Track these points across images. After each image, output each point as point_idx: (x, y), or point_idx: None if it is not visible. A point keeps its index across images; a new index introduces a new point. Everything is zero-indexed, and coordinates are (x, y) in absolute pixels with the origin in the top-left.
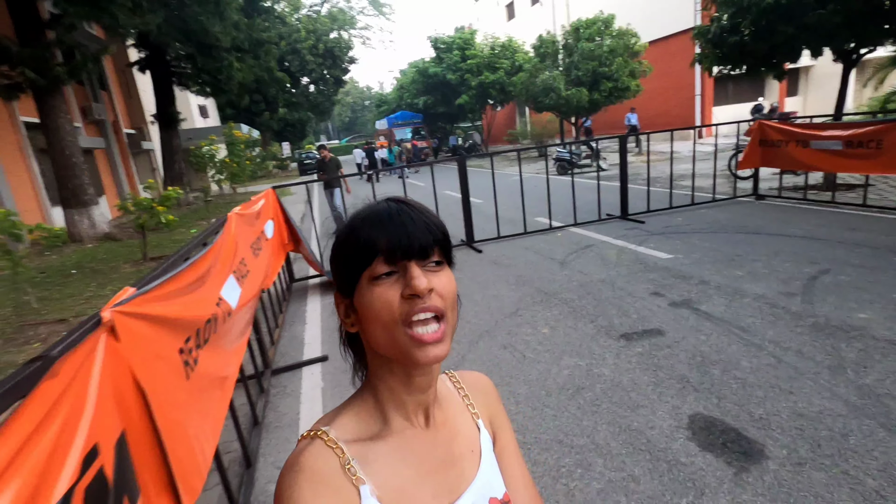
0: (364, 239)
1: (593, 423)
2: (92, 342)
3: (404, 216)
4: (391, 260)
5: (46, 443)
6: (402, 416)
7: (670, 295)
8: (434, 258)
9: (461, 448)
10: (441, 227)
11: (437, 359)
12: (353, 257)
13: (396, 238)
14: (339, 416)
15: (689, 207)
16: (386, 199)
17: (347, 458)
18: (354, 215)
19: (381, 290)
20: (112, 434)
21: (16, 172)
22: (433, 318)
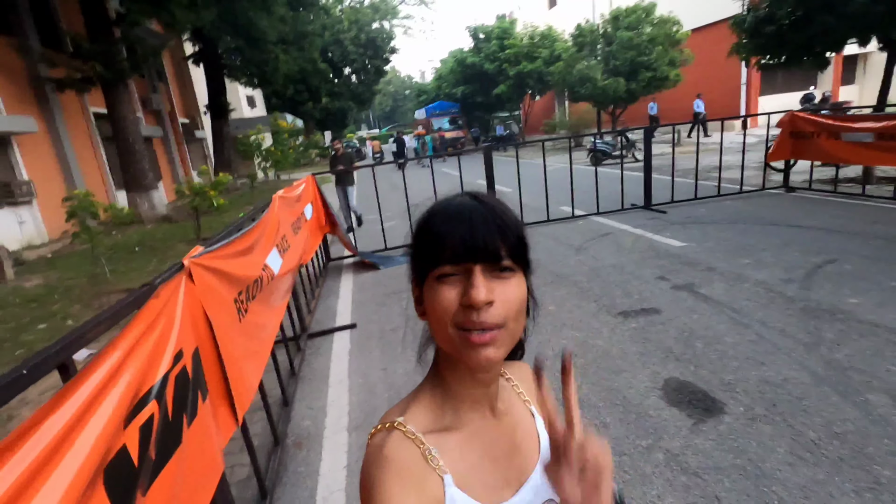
0: (434, 234)
1: (579, 383)
2: (177, 280)
3: (476, 214)
4: (455, 261)
5: (153, 339)
6: (470, 408)
7: (674, 279)
8: (504, 263)
9: (523, 435)
10: (517, 228)
11: (487, 361)
12: (422, 251)
13: (463, 238)
14: (410, 408)
15: (715, 199)
16: (464, 193)
17: (428, 448)
18: (432, 207)
19: (443, 290)
20: (190, 346)
21: (86, 158)
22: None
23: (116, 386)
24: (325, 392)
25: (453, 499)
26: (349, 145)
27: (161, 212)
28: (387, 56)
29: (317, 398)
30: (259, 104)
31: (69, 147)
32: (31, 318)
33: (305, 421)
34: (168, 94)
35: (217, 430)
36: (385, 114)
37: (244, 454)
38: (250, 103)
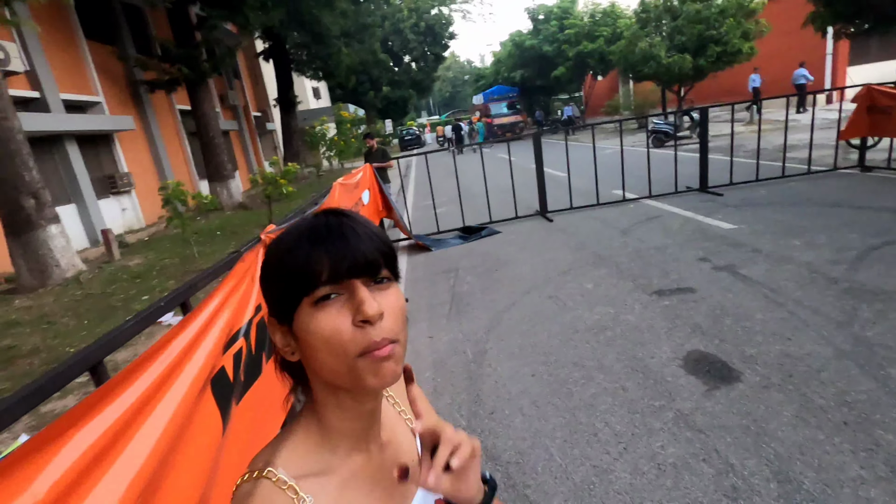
0: (303, 259)
1: (605, 352)
2: (256, 250)
3: (346, 229)
4: (335, 279)
5: (240, 292)
6: (351, 445)
7: (716, 260)
8: (382, 274)
9: (406, 459)
10: (385, 239)
11: (392, 377)
12: (290, 280)
13: (341, 255)
14: (281, 452)
15: (779, 180)
16: (323, 212)
17: (301, 496)
18: (287, 232)
19: (327, 317)
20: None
21: (174, 152)
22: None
23: (218, 322)
24: None
25: None
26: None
27: (238, 199)
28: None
29: None
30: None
31: (160, 142)
32: (136, 290)
33: None
34: (242, 91)
35: None
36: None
37: None
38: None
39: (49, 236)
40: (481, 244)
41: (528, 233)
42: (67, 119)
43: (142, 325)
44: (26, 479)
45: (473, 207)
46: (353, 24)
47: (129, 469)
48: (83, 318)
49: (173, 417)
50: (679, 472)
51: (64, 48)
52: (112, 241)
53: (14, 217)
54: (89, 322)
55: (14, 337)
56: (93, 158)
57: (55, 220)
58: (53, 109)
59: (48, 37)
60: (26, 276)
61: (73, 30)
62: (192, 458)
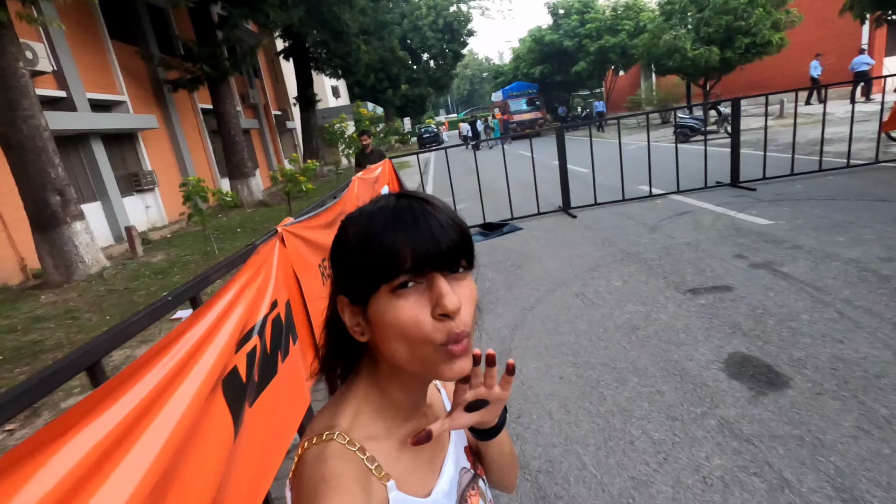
0: (386, 246)
1: (638, 353)
2: (272, 243)
3: (430, 217)
4: (417, 270)
5: (255, 287)
6: (407, 414)
7: (753, 257)
8: (460, 264)
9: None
10: (464, 226)
11: (462, 373)
12: (372, 266)
13: (423, 245)
14: (343, 417)
15: (815, 174)
16: (403, 195)
17: (371, 456)
18: (368, 214)
19: (406, 306)
20: (283, 297)
21: (196, 150)
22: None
23: (230, 319)
24: None
25: (396, 502)
26: (427, 130)
27: (258, 197)
28: (464, 39)
29: None
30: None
31: (182, 140)
32: (158, 287)
33: None
34: (263, 90)
35: (305, 371)
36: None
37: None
38: (335, 93)
39: (74, 233)
40: (503, 240)
41: (551, 229)
42: (93, 118)
43: (146, 322)
44: (17, 485)
45: (494, 203)
46: (373, 22)
47: (132, 477)
48: (106, 314)
49: (181, 421)
50: (728, 487)
51: (90, 49)
52: (136, 238)
53: (40, 214)
54: (112, 317)
55: (40, 332)
56: (117, 157)
57: (80, 217)
58: (80, 108)
59: (75, 37)
60: (52, 271)
61: (98, 31)
62: (201, 464)
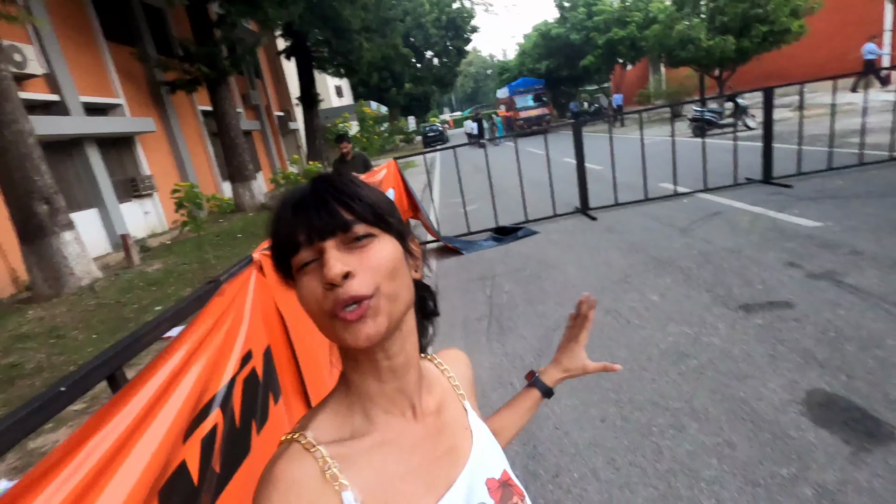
0: (282, 225)
1: (693, 389)
2: (247, 274)
3: (308, 196)
4: (308, 244)
5: (216, 342)
6: (383, 409)
7: (809, 266)
8: (357, 233)
9: (453, 435)
10: (361, 196)
11: (368, 339)
12: (277, 247)
13: (309, 220)
14: (316, 416)
15: (856, 168)
16: (312, 179)
17: (327, 461)
18: (277, 201)
19: (306, 281)
20: (261, 344)
21: (196, 153)
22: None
23: (174, 397)
24: None
25: None
26: (432, 129)
27: (261, 200)
28: (468, 36)
29: None
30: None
31: (182, 143)
32: (150, 300)
33: None
34: (264, 90)
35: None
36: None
37: None
38: (338, 93)
39: (63, 243)
40: (519, 246)
41: (570, 232)
42: (88, 122)
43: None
44: None
45: (505, 205)
46: (375, 19)
47: None
48: (93, 331)
49: None
50: None
51: (84, 50)
52: (131, 246)
53: (27, 224)
54: (98, 335)
55: (21, 353)
56: (114, 161)
57: (69, 227)
58: (73, 112)
59: (67, 39)
60: (41, 284)
61: (92, 31)
62: None
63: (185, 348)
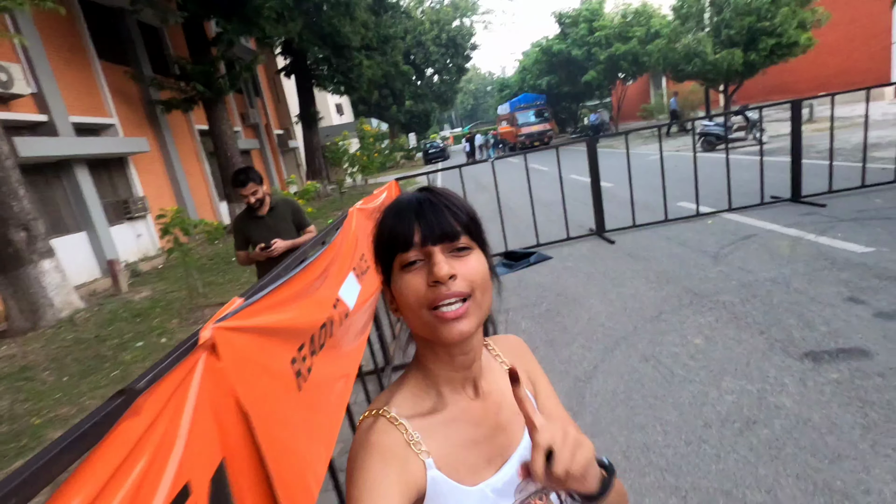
0: (391, 229)
1: (774, 473)
2: (188, 364)
3: (427, 204)
4: (416, 247)
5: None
6: (452, 390)
7: (875, 301)
8: (460, 244)
9: (508, 413)
10: (467, 211)
11: (461, 335)
12: (383, 247)
13: (418, 226)
14: (395, 395)
15: (892, 185)
16: (417, 190)
17: (410, 433)
18: (386, 208)
19: (409, 277)
20: (208, 467)
21: (193, 173)
22: (458, 300)
23: None
24: None
25: (435, 480)
26: (433, 146)
27: None
28: (468, 53)
29: None
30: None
31: (178, 163)
32: (133, 333)
33: None
34: (264, 109)
35: None
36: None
37: None
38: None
39: (41, 272)
40: (532, 273)
41: (587, 259)
42: (76, 143)
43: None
44: None
45: (514, 227)
46: (375, 36)
47: None
48: (64, 373)
49: None
50: None
51: (76, 69)
52: (119, 272)
53: (2, 252)
54: (70, 378)
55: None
56: (106, 183)
57: (48, 254)
58: (62, 133)
59: (58, 57)
60: (17, 316)
61: (85, 50)
62: None
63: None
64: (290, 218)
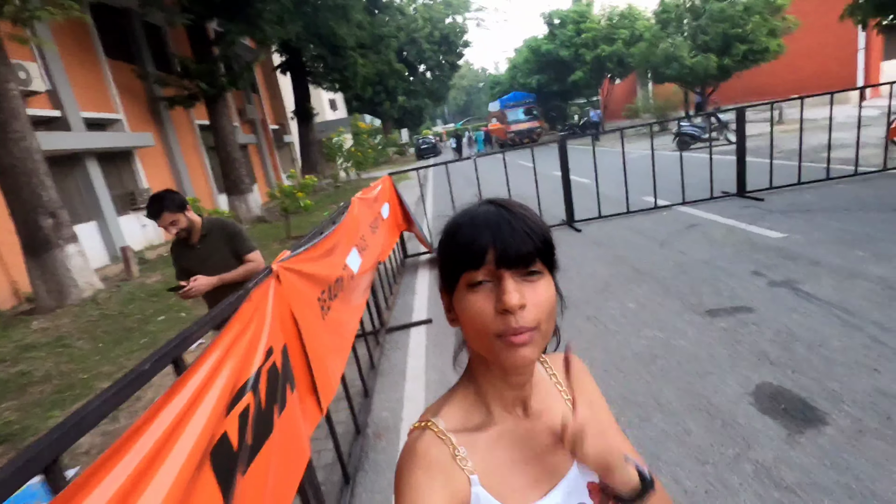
0: (463, 244)
1: (660, 387)
2: (266, 284)
3: (502, 221)
4: (487, 268)
5: (247, 338)
6: (502, 408)
7: (772, 275)
8: (533, 268)
9: (558, 434)
10: (543, 232)
11: (524, 361)
12: (452, 260)
13: (493, 246)
14: (444, 408)
15: (824, 182)
16: (487, 201)
17: (457, 447)
18: (456, 216)
19: (476, 299)
20: (279, 343)
21: (193, 166)
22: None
23: (219, 379)
24: (402, 386)
25: (478, 498)
26: (425, 141)
27: (256, 213)
28: (460, 50)
29: (395, 391)
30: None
31: (179, 157)
32: (153, 310)
33: (384, 412)
34: (260, 104)
35: (304, 420)
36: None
37: (329, 440)
38: (332, 106)
39: (67, 256)
40: None
41: (557, 245)
42: (88, 137)
43: (120, 398)
44: None
45: None
46: (369, 36)
47: None
48: (98, 341)
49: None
50: None
51: (85, 67)
52: (131, 258)
53: (32, 237)
54: (104, 345)
55: (29, 362)
56: (113, 175)
57: (73, 240)
58: (74, 128)
59: (70, 56)
60: (44, 296)
61: (94, 49)
62: None
63: (226, 342)
64: (225, 246)
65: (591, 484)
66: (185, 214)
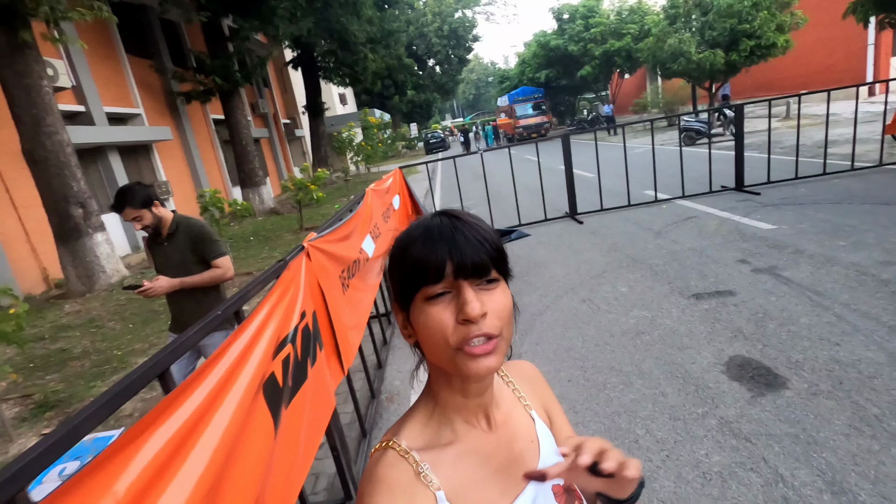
0: (417, 258)
1: (642, 357)
2: (300, 258)
3: (457, 233)
4: (445, 280)
5: (287, 300)
6: (465, 421)
7: (756, 262)
8: (489, 276)
9: (522, 444)
10: (495, 242)
11: (488, 370)
12: (407, 275)
13: (450, 259)
14: (406, 426)
15: (820, 177)
16: (438, 213)
17: (420, 465)
18: (408, 231)
19: (435, 312)
20: (311, 308)
21: (208, 160)
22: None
23: (267, 330)
24: (411, 359)
25: None
26: (434, 136)
27: (269, 205)
28: (469, 45)
29: (405, 363)
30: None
31: (195, 150)
32: None
33: (396, 381)
34: (272, 99)
35: (330, 376)
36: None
37: (349, 404)
38: (342, 101)
39: (95, 244)
40: (512, 247)
41: (558, 235)
42: (111, 131)
43: (199, 336)
44: (110, 479)
45: (502, 209)
46: (379, 31)
47: (195, 472)
48: (128, 322)
49: (231, 422)
50: (725, 482)
51: (106, 64)
52: None
53: (63, 226)
54: (134, 325)
55: (66, 340)
56: (133, 168)
57: (101, 229)
58: (98, 122)
59: (92, 53)
60: (75, 281)
61: (114, 46)
62: (249, 460)
63: (272, 301)
64: (189, 248)
65: (557, 486)
66: (152, 211)
